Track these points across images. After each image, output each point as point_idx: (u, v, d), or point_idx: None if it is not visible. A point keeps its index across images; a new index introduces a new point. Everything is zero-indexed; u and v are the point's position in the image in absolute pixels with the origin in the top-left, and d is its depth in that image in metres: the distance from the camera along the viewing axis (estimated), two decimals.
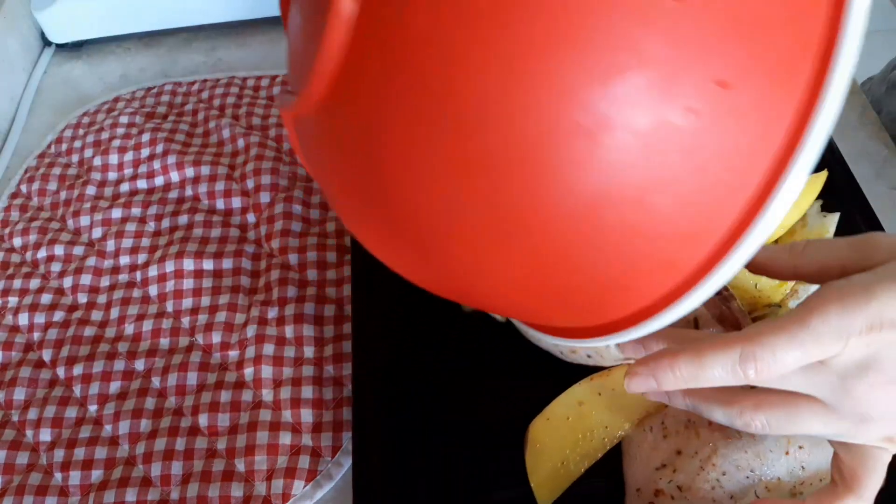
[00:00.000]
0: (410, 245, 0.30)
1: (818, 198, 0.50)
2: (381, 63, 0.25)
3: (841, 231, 0.48)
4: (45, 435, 0.51)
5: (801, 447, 0.39)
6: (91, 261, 0.59)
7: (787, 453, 0.39)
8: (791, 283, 0.47)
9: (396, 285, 0.52)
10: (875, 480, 0.32)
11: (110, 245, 0.60)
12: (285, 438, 0.49)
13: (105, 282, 0.59)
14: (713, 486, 0.39)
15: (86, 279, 0.58)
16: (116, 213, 0.62)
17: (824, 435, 0.31)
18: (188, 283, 0.57)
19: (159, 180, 0.64)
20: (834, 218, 0.48)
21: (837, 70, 0.23)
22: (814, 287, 0.47)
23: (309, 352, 0.53)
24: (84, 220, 0.62)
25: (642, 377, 0.31)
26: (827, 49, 0.24)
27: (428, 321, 0.51)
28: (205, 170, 0.63)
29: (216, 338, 0.54)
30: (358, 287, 0.49)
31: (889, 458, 0.32)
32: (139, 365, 0.53)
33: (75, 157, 0.68)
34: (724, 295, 0.44)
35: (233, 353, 0.53)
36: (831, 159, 0.51)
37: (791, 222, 0.48)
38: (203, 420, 0.50)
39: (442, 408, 0.47)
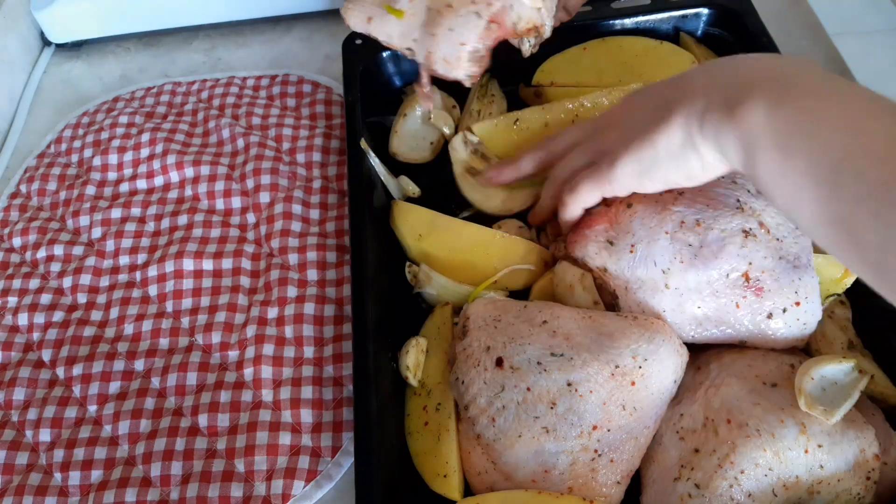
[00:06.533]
0: None
1: None
2: None
3: None
4: (45, 435, 0.51)
5: (820, 446, 0.39)
6: (91, 261, 0.59)
7: (806, 452, 0.39)
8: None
9: (396, 285, 0.53)
10: None
11: (110, 245, 0.60)
12: (285, 439, 0.49)
13: (105, 282, 0.59)
14: (731, 483, 0.39)
15: (85, 279, 0.58)
16: (116, 213, 0.62)
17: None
18: (188, 284, 0.57)
19: (159, 180, 0.64)
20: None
21: None
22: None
23: (309, 352, 0.53)
24: (84, 220, 0.62)
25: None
26: None
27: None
28: (204, 170, 0.63)
29: (216, 338, 0.54)
30: (358, 287, 0.49)
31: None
32: (139, 365, 0.53)
33: (75, 157, 0.68)
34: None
35: (232, 354, 0.53)
36: None
37: None
38: (203, 420, 0.50)
39: None
